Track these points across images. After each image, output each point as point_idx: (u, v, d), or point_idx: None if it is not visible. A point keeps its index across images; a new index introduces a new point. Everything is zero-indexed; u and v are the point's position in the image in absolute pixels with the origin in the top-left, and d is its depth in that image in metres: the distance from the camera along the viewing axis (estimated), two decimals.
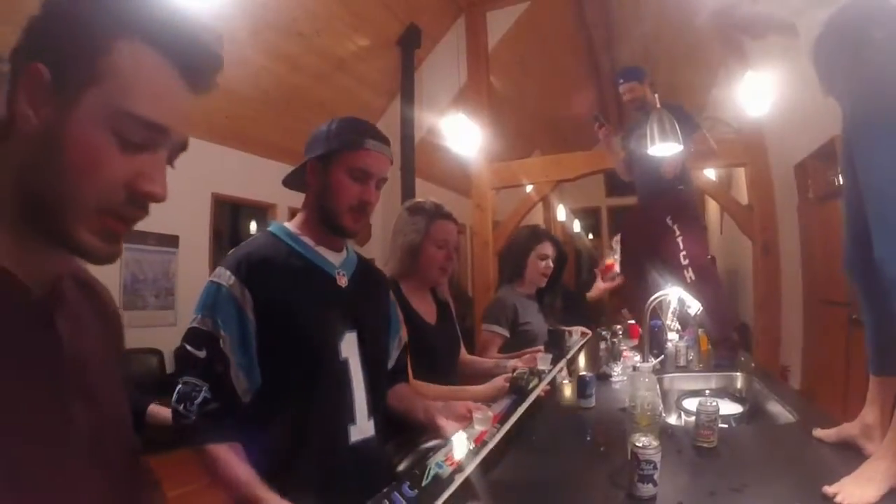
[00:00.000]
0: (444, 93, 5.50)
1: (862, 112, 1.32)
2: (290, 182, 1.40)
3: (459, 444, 0.82)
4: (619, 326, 3.32)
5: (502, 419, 0.87)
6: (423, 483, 0.71)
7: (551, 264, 2.84)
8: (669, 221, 3.04)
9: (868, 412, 1.45)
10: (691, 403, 2.08)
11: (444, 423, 1.32)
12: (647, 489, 1.12)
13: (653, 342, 2.44)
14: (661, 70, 4.69)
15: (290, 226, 1.32)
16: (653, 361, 2.10)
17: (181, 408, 1.11)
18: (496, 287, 4.93)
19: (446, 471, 0.75)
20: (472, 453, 0.77)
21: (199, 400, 1.10)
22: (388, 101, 5.72)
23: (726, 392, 2.26)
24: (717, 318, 2.64)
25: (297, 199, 1.41)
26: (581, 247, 9.18)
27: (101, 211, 0.57)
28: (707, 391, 2.24)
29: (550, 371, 1.27)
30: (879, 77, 1.27)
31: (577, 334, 2.02)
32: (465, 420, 1.30)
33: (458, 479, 0.71)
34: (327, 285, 1.28)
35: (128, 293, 4.62)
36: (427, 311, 1.94)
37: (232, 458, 1.08)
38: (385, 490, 0.67)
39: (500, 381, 1.72)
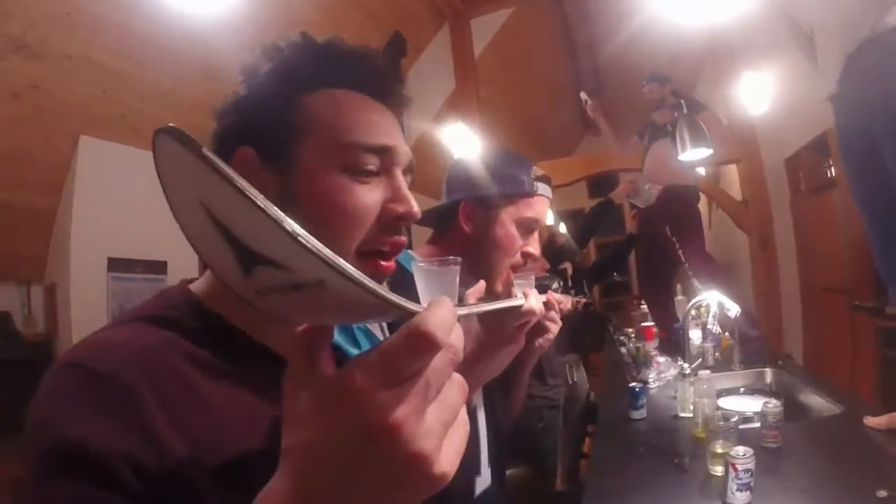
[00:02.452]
0: (432, 101, 5.48)
1: None
2: (425, 220, 1.21)
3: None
4: (631, 330, 3.35)
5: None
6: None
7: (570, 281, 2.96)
8: (668, 232, 3.11)
9: None
10: (726, 402, 2.12)
11: None
12: (744, 497, 1.13)
13: (680, 345, 2.47)
14: (644, 70, 4.75)
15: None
16: (694, 365, 2.11)
17: None
18: None
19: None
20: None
21: None
22: None
23: (758, 388, 2.31)
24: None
25: None
26: (568, 248, 9.22)
27: (364, 254, 0.58)
28: (741, 389, 2.28)
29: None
30: None
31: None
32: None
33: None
34: None
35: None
36: None
37: None
38: None
39: None
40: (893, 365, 2.65)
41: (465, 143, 4.40)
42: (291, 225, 0.28)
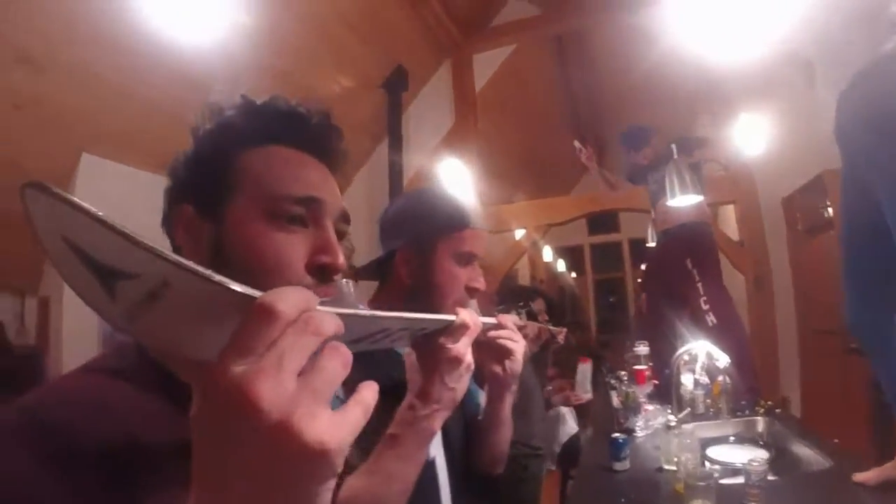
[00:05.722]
0: (431, 135, 5.48)
1: None
2: (364, 274, 1.21)
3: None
4: (623, 373, 3.29)
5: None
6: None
7: (546, 316, 2.93)
8: (689, 265, 3.00)
9: None
10: (715, 451, 2.06)
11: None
12: None
13: (671, 392, 2.41)
14: (642, 114, 4.79)
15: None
16: (681, 415, 2.06)
17: None
18: None
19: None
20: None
21: None
22: (374, 144, 5.67)
23: (748, 437, 2.25)
24: (742, 365, 2.59)
25: None
26: (565, 285, 9.20)
27: None
28: (731, 438, 2.22)
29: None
30: None
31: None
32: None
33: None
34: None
35: (107, 346, 4.45)
36: None
37: None
38: None
39: None
40: (887, 408, 2.60)
41: (461, 178, 4.42)
42: (121, 226, 0.31)
